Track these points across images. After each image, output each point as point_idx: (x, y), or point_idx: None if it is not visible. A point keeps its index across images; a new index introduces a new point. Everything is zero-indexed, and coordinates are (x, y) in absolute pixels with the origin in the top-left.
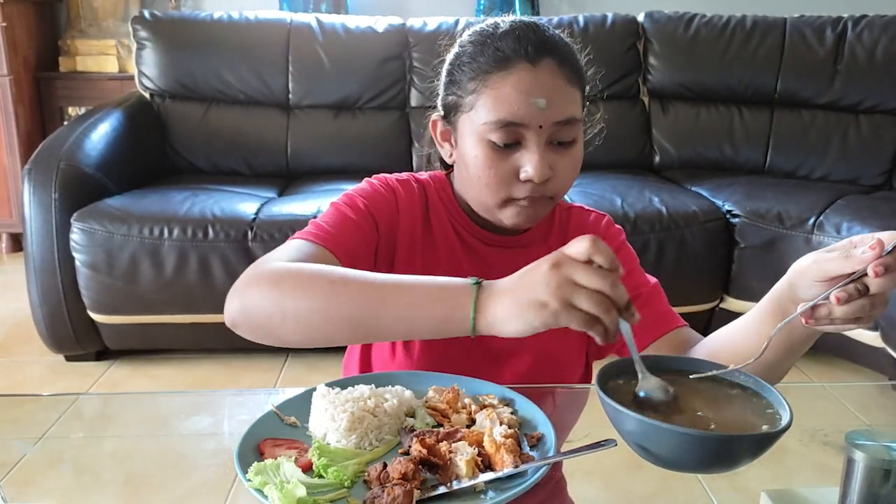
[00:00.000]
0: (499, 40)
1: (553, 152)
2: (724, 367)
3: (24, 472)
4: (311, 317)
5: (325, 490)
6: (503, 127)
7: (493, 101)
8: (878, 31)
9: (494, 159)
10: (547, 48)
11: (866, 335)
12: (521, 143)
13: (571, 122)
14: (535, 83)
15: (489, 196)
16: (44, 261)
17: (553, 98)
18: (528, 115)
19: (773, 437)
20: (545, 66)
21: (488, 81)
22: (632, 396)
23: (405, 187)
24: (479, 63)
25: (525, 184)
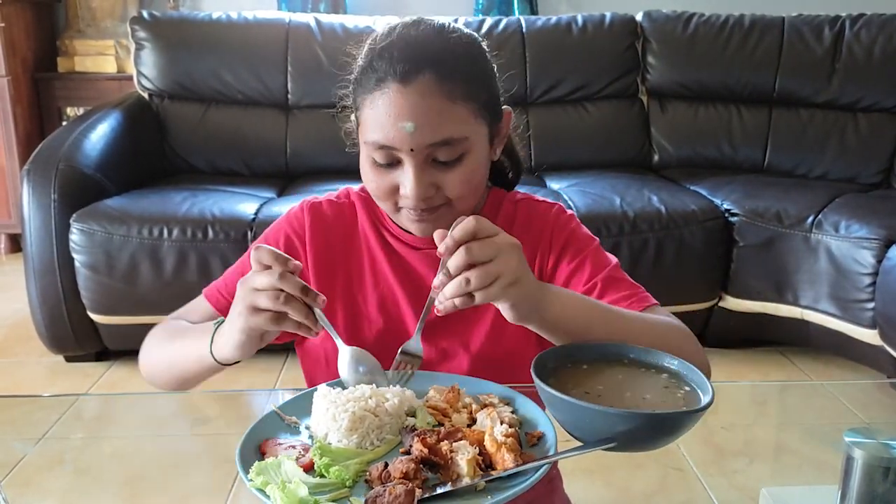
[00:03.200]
0: (377, 58)
1: (436, 170)
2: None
3: (24, 472)
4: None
5: (326, 490)
6: (378, 149)
7: (371, 122)
8: (876, 30)
9: (378, 175)
10: (422, 65)
11: (865, 333)
12: (400, 162)
13: (450, 142)
14: (403, 105)
15: (382, 205)
16: (43, 261)
17: (424, 120)
18: (398, 139)
19: (675, 416)
20: (418, 84)
21: (367, 101)
22: None
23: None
24: (363, 81)
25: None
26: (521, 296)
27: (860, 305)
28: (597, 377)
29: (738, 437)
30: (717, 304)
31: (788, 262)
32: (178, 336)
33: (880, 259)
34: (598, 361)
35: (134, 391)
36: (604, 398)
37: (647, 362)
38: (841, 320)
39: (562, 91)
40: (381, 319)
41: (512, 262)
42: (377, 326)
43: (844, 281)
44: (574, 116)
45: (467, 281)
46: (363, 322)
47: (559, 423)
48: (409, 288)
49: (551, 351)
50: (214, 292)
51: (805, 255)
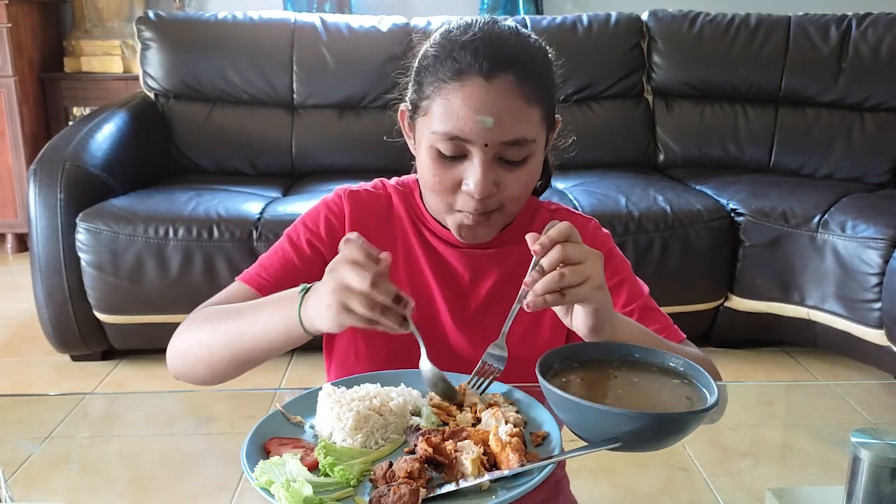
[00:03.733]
0: (459, 49)
1: (501, 168)
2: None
3: (30, 471)
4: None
5: (331, 489)
6: (449, 139)
7: (444, 111)
8: (883, 29)
9: (440, 168)
10: (505, 64)
11: (871, 333)
12: (468, 156)
13: (521, 142)
14: (485, 100)
15: (433, 200)
16: (49, 261)
17: (503, 117)
18: (474, 132)
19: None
20: (500, 82)
21: (442, 91)
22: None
23: (354, 200)
24: (438, 70)
25: (467, 196)
26: (604, 300)
27: (867, 305)
28: (602, 377)
29: (744, 438)
30: (723, 304)
31: (795, 262)
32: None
33: (887, 259)
34: (604, 361)
35: (140, 390)
36: (609, 398)
37: (653, 362)
38: (847, 320)
39: (567, 90)
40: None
41: (599, 268)
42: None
43: (851, 281)
44: (579, 116)
45: (562, 276)
46: None
47: (564, 423)
48: (444, 283)
49: (556, 351)
50: (254, 276)
51: (811, 255)
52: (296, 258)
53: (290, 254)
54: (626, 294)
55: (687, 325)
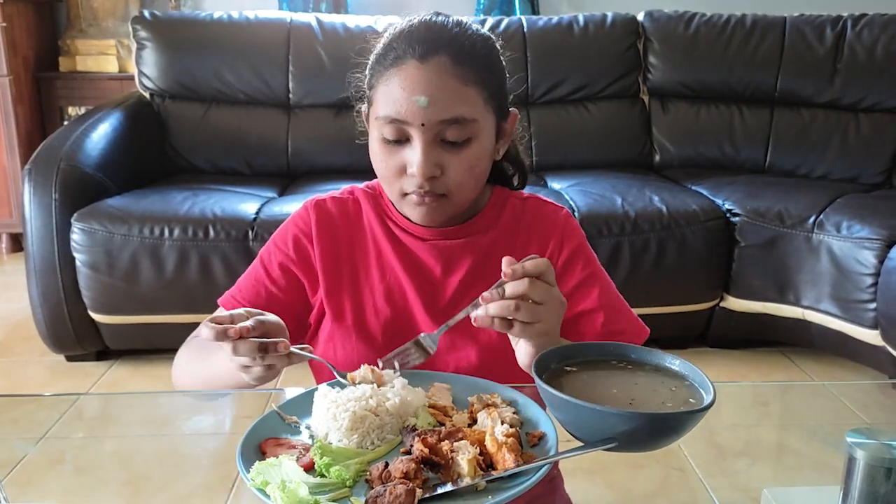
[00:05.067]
0: (397, 39)
1: (443, 150)
2: (651, 350)
3: (25, 471)
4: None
5: (326, 489)
6: (390, 123)
7: (384, 97)
8: (878, 30)
9: (386, 153)
10: (439, 46)
11: (867, 334)
12: (410, 139)
13: (460, 121)
14: (419, 80)
15: (387, 188)
16: (44, 261)
17: (437, 96)
18: (411, 113)
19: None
20: (434, 63)
21: (382, 78)
22: None
23: (320, 211)
24: (381, 61)
25: (413, 178)
26: (546, 346)
27: (862, 306)
28: (598, 378)
29: (740, 438)
30: (719, 304)
31: (790, 263)
32: (203, 356)
33: (882, 259)
34: (600, 362)
35: (135, 390)
36: (605, 398)
37: (649, 362)
38: (842, 321)
39: (563, 91)
40: (388, 310)
41: (555, 316)
42: (384, 316)
43: (846, 281)
44: (575, 116)
45: (517, 307)
46: (370, 313)
47: (560, 423)
48: (416, 278)
49: (552, 351)
50: (230, 299)
51: (807, 256)
52: (267, 281)
53: (262, 276)
54: (600, 287)
55: (682, 325)
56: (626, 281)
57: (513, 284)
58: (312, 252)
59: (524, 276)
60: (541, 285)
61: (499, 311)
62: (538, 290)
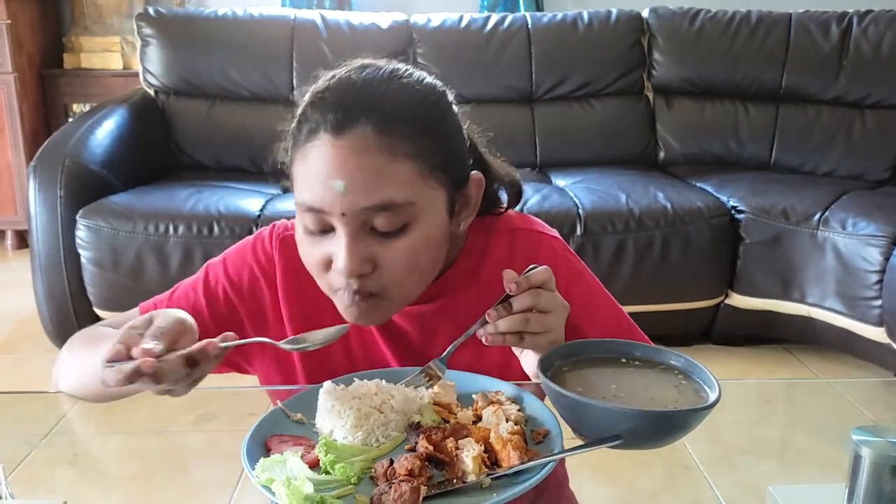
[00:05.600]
0: (310, 106)
1: (374, 241)
2: (656, 347)
3: (30, 467)
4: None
5: (331, 486)
6: (307, 211)
7: (301, 180)
8: (884, 26)
9: (310, 244)
10: (359, 112)
11: (872, 331)
12: (334, 229)
13: (389, 207)
14: (334, 160)
15: (318, 281)
16: (49, 258)
17: (357, 178)
18: (328, 200)
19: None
20: (353, 136)
21: (298, 156)
22: None
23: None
24: (297, 132)
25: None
26: None
27: (867, 303)
28: (603, 375)
29: (745, 436)
30: (724, 301)
31: (795, 260)
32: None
33: (887, 256)
34: (605, 360)
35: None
36: (610, 396)
37: (654, 360)
38: (848, 318)
39: (567, 88)
40: None
41: (562, 322)
42: None
43: (851, 278)
44: (580, 113)
45: (527, 321)
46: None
47: (565, 420)
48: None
49: (557, 349)
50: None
51: (812, 253)
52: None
53: (201, 301)
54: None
55: (687, 323)
56: (630, 278)
57: (520, 298)
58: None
59: (529, 288)
60: (546, 294)
61: (509, 326)
62: (545, 299)
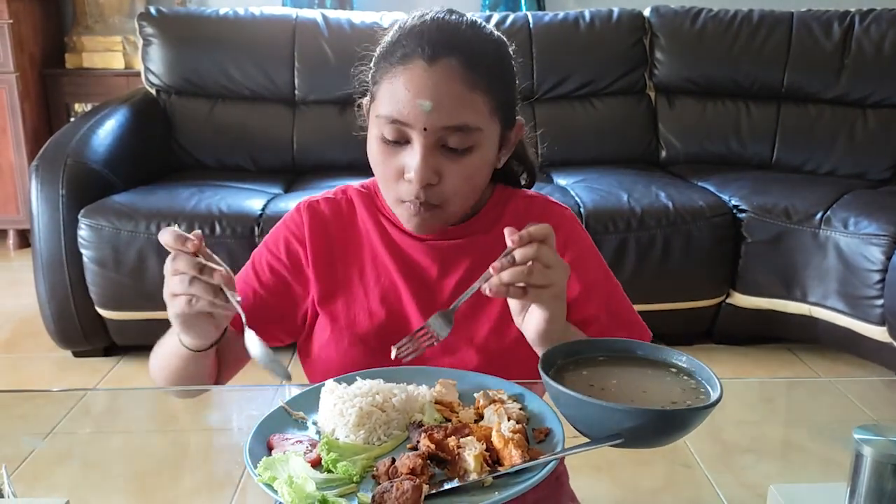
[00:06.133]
0: (407, 36)
1: (443, 157)
2: (658, 346)
3: (33, 466)
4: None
5: (334, 485)
6: (391, 123)
7: (387, 95)
8: (886, 25)
9: (385, 154)
10: (449, 48)
11: (874, 330)
12: (410, 142)
13: (463, 129)
14: (425, 83)
15: (384, 190)
16: (51, 257)
17: (443, 101)
18: (413, 116)
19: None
20: (442, 66)
21: (388, 75)
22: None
23: (313, 213)
24: (388, 57)
25: (410, 184)
26: (559, 311)
27: (869, 302)
28: (605, 374)
29: (747, 434)
30: (725, 300)
31: (797, 259)
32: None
33: (889, 255)
34: (607, 358)
35: (142, 386)
36: (611, 395)
37: (656, 359)
38: (850, 317)
39: (569, 87)
40: (382, 312)
41: (564, 279)
42: (378, 319)
43: (853, 277)
44: (581, 112)
45: (530, 271)
46: (364, 316)
47: (566, 419)
48: (411, 280)
49: (559, 347)
50: None
51: (813, 252)
52: (256, 283)
53: (252, 279)
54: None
55: (689, 322)
56: (631, 277)
57: (522, 250)
58: (305, 255)
59: (531, 240)
60: (547, 249)
61: (512, 277)
62: (546, 252)
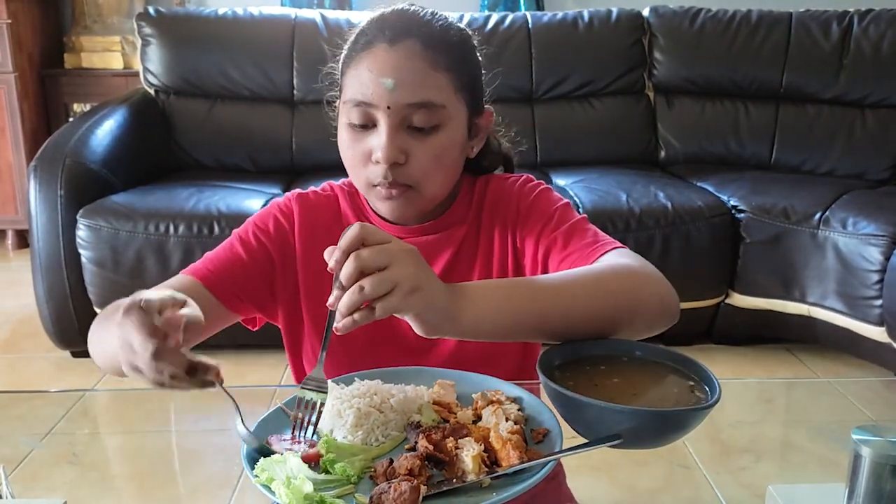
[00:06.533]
0: (367, 26)
1: (409, 136)
2: (657, 347)
3: (31, 467)
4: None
5: (331, 486)
6: (356, 106)
7: (351, 80)
8: (885, 25)
9: (352, 140)
10: (410, 30)
11: (873, 330)
12: (376, 124)
13: (427, 105)
14: (387, 63)
15: (355, 179)
16: (50, 257)
17: (405, 79)
18: (377, 95)
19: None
20: (403, 47)
21: (352, 63)
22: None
23: (303, 204)
24: (352, 47)
25: (378, 166)
26: (426, 304)
27: (868, 302)
28: (603, 374)
29: (745, 435)
30: (724, 300)
31: (796, 259)
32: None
33: (888, 256)
34: (605, 358)
35: (140, 387)
36: (610, 395)
37: (654, 359)
38: (848, 317)
39: (568, 87)
40: None
41: (409, 268)
42: None
43: (852, 278)
44: (580, 112)
45: (361, 289)
46: None
47: (564, 419)
48: None
49: (557, 348)
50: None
51: (812, 252)
52: (242, 252)
53: (238, 248)
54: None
55: (687, 322)
56: None
57: (343, 270)
58: (293, 241)
59: (346, 255)
60: (368, 251)
61: (349, 304)
62: (370, 257)
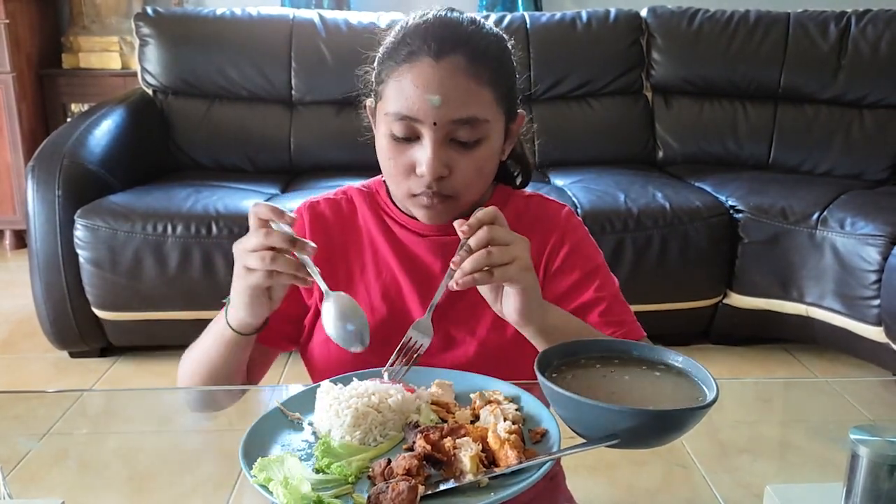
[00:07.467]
0: (411, 34)
1: (453, 150)
2: (654, 347)
3: (28, 467)
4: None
5: (329, 486)
6: (400, 120)
7: (395, 93)
8: (882, 26)
9: (395, 151)
10: (455, 44)
11: (870, 330)
12: (420, 137)
13: (472, 122)
14: (433, 79)
15: (394, 187)
16: (48, 258)
17: (451, 95)
18: (423, 111)
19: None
20: (449, 62)
21: (394, 74)
22: None
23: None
24: (393, 56)
25: (421, 179)
26: (532, 282)
27: (865, 302)
28: (601, 374)
29: (743, 435)
30: (722, 300)
31: (793, 259)
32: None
33: (886, 256)
34: (603, 359)
35: (138, 387)
36: (607, 395)
37: (652, 359)
38: (846, 317)
39: (566, 87)
40: (384, 307)
41: (526, 252)
42: (380, 314)
43: (850, 278)
44: (578, 112)
45: (489, 254)
46: (366, 311)
47: (562, 419)
48: (413, 276)
49: (555, 348)
50: None
51: (810, 252)
52: None
53: None
54: (600, 280)
55: (685, 322)
56: (628, 278)
57: (475, 237)
58: None
59: (480, 225)
60: (499, 228)
61: (474, 264)
62: (500, 231)
